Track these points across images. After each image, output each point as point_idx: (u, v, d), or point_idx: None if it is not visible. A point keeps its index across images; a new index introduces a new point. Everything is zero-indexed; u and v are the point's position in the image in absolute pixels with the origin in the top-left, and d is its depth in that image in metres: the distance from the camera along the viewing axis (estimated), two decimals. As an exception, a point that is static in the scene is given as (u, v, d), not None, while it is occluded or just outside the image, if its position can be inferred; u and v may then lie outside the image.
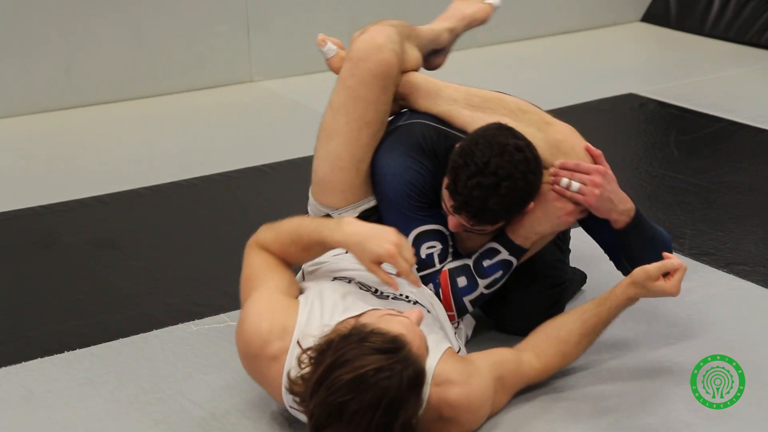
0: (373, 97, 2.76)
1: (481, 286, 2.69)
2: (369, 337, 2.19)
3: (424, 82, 2.87)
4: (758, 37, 5.93)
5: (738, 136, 4.54)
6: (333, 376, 2.14)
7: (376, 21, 2.90)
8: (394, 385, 2.12)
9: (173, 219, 3.83)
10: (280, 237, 2.59)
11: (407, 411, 2.16)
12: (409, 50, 2.89)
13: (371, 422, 2.12)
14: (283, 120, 4.93)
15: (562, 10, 6.21)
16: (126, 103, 5.08)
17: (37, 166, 4.36)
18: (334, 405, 2.13)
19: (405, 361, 2.15)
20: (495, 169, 2.50)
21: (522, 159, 2.53)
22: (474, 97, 2.82)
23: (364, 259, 2.46)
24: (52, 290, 3.27)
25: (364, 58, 2.76)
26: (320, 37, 2.99)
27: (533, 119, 2.74)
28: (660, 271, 2.54)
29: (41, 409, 2.64)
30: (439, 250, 2.70)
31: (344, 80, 2.79)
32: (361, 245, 2.45)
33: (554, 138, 2.69)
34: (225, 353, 2.85)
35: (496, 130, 2.57)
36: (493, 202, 2.53)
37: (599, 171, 2.63)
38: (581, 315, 2.62)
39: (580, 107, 4.86)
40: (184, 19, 5.19)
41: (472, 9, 3.21)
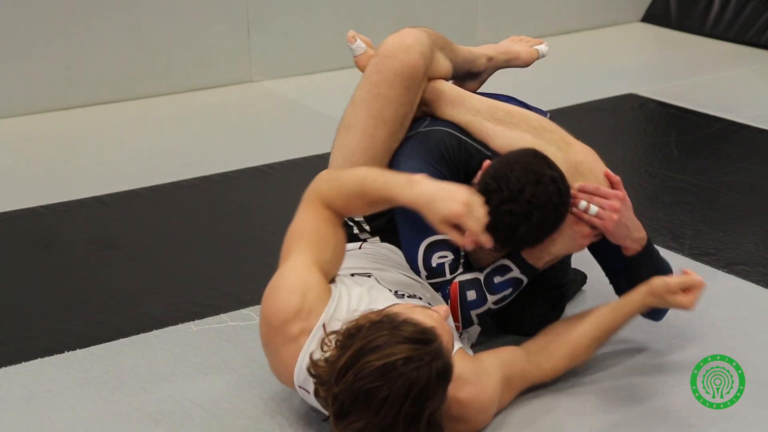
0: (394, 96, 2.76)
1: (489, 301, 2.69)
2: (401, 326, 2.18)
3: (449, 90, 2.86)
4: (758, 37, 5.93)
5: (738, 136, 4.54)
6: (362, 361, 2.13)
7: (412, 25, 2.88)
8: (424, 376, 2.12)
9: (173, 219, 3.84)
10: (343, 191, 2.51)
11: (434, 404, 2.16)
12: (440, 58, 2.86)
13: (399, 412, 2.11)
14: (283, 120, 4.93)
15: (562, 10, 6.21)
16: (126, 103, 5.08)
17: (37, 166, 4.36)
18: (362, 391, 2.12)
19: (435, 353, 2.15)
20: (529, 198, 2.49)
21: (555, 191, 2.53)
22: (497, 110, 2.80)
23: (433, 220, 2.41)
24: (52, 290, 3.27)
25: (390, 56, 2.76)
26: (350, 34, 2.99)
27: (554, 138, 2.73)
28: (680, 286, 2.54)
29: (41, 409, 2.64)
30: (450, 260, 2.68)
31: (368, 76, 2.80)
32: (430, 205, 2.40)
33: (574, 159, 2.68)
34: (225, 353, 2.86)
35: (532, 158, 2.55)
36: (523, 231, 2.52)
37: (618, 196, 2.62)
38: (595, 319, 2.63)
39: (580, 107, 4.86)
40: (184, 19, 5.19)
41: (518, 47, 3.19)
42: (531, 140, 2.69)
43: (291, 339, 2.38)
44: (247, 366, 2.79)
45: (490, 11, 5.96)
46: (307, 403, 2.61)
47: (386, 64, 2.76)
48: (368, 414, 2.13)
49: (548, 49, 3.23)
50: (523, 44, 3.22)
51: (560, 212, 2.56)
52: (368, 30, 5.61)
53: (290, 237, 2.54)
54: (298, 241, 2.51)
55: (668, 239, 3.45)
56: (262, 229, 3.69)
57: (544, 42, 3.24)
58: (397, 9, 5.67)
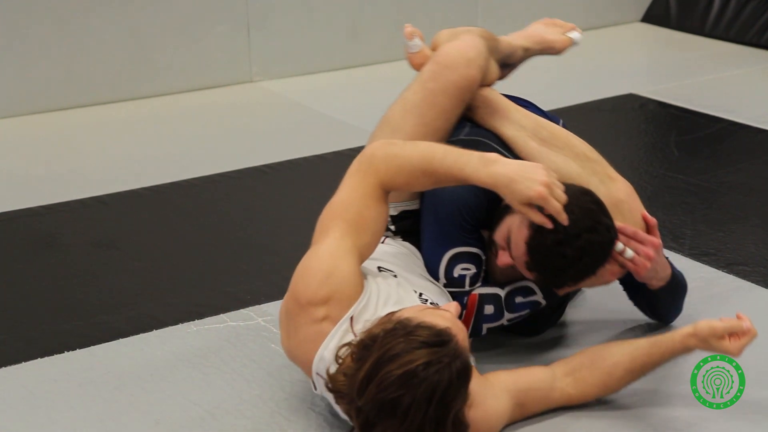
0: (449, 107, 2.72)
1: (505, 318, 2.68)
2: (416, 331, 2.17)
3: (495, 100, 2.81)
4: (758, 37, 5.93)
5: (738, 137, 4.54)
6: (382, 372, 2.12)
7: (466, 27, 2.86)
8: (445, 378, 2.11)
9: (173, 219, 3.83)
10: (406, 168, 2.44)
11: (458, 404, 2.15)
12: (492, 67, 2.84)
13: (425, 417, 2.11)
14: (283, 120, 4.93)
15: (562, 10, 6.20)
16: (126, 103, 5.08)
17: (37, 166, 4.36)
18: (387, 401, 2.11)
19: (453, 353, 2.14)
20: (583, 244, 2.46)
21: (608, 240, 2.52)
22: (543, 129, 2.77)
23: (513, 201, 2.39)
24: (52, 290, 3.27)
25: (451, 67, 2.72)
26: (409, 30, 2.87)
27: (597, 170, 2.71)
28: (727, 332, 2.45)
29: (41, 409, 2.64)
30: (472, 273, 2.66)
31: (425, 82, 2.74)
32: (510, 187, 2.37)
33: (616, 197, 2.66)
34: (225, 353, 2.85)
35: (592, 203, 2.52)
36: (569, 275, 2.51)
37: (654, 244, 2.62)
38: (632, 351, 2.54)
39: (580, 107, 4.86)
40: (184, 19, 5.19)
41: (552, 37, 3.15)
42: (575, 169, 2.66)
43: (314, 321, 2.36)
44: (247, 366, 2.79)
45: (490, 11, 5.95)
46: (306, 403, 2.62)
47: (446, 75, 2.72)
48: (394, 423, 2.12)
49: (582, 37, 3.18)
50: (556, 30, 3.17)
51: (605, 260, 2.55)
52: (368, 30, 5.64)
53: (332, 210, 2.47)
54: (339, 220, 2.44)
55: (668, 239, 3.45)
56: (262, 229, 3.69)
57: (577, 28, 3.19)
58: (397, 9, 5.67)
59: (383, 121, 2.80)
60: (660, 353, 2.52)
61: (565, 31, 3.17)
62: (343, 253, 2.40)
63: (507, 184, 2.38)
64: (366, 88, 5.30)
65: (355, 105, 5.00)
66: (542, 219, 2.39)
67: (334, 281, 2.37)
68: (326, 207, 2.49)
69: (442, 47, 2.79)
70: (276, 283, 3.19)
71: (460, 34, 2.82)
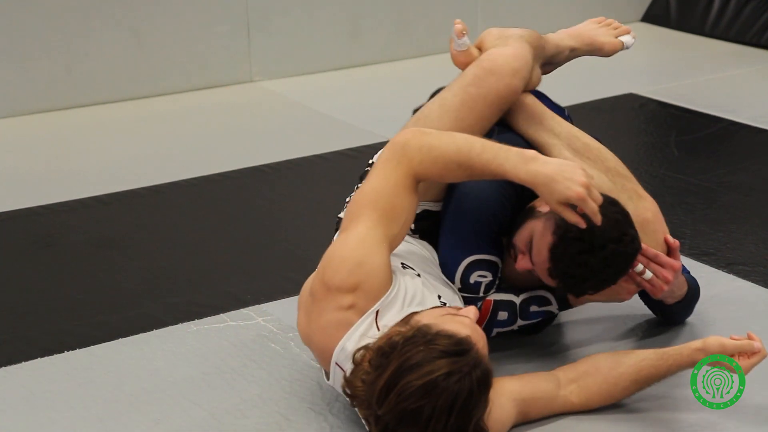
0: (488, 115, 2.68)
1: (516, 324, 2.68)
2: (436, 339, 2.16)
3: (531, 105, 2.78)
4: (758, 37, 5.92)
5: (738, 136, 4.54)
6: (403, 381, 2.12)
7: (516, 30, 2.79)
8: (466, 388, 2.11)
9: (173, 219, 3.83)
10: (442, 159, 2.40)
11: (479, 411, 2.15)
12: (535, 74, 2.81)
13: (446, 426, 2.11)
14: (283, 120, 4.93)
15: (561, 9, 6.21)
16: (126, 103, 5.08)
17: (37, 166, 4.35)
18: (408, 411, 2.11)
19: (474, 363, 2.13)
20: (608, 255, 2.45)
21: (632, 251, 2.51)
22: (576, 139, 2.74)
23: (551, 200, 2.36)
24: (52, 290, 3.27)
25: (497, 74, 2.67)
26: (459, 28, 2.78)
27: (627, 187, 2.70)
28: (737, 351, 2.45)
29: (41, 409, 2.64)
30: (488, 281, 2.65)
31: (467, 86, 2.70)
32: (549, 186, 2.34)
33: (643, 216, 2.65)
34: (225, 353, 2.85)
35: (619, 215, 2.50)
36: (591, 283, 2.50)
37: (674, 267, 2.62)
38: (638, 362, 2.53)
39: (580, 107, 4.85)
40: (184, 19, 5.19)
41: (603, 39, 3.05)
42: (607, 183, 2.65)
43: (340, 308, 2.35)
44: (246, 366, 2.79)
45: (490, 11, 5.95)
46: (306, 403, 2.61)
47: (490, 82, 2.67)
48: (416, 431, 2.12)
49: (634, 41, 3.09)
50: (608, 32, 3.07)
51: (626, 271, 2.54)
52: (368, 30, 5.64)
53: (363, 198, 2.44)
54: (370, 208, 2.41)
55: (668, 239, 3.45)
56: (262, 229, 3.69)
57: (632, 32, 3.10)
58: (397, 9, 5.67)
59: (418, 117, 2.74)
60: (667, 366, 2.51)
61: (617, 34, 3.08)
62: (374, 243, 2.38)
63: (546, 183, 2.35)
64: (366, 88, 5.30)
65: (355, 105, 5.00)
66: (577, 219, 2.36)
67: (363, 270, 2.35)
68: (357, 193, 2.48)
69: (488, 52, 2.74)
70: (276, 283, 3.19)
71: (509, 39, 2.77)
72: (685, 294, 2.74)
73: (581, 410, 2.55)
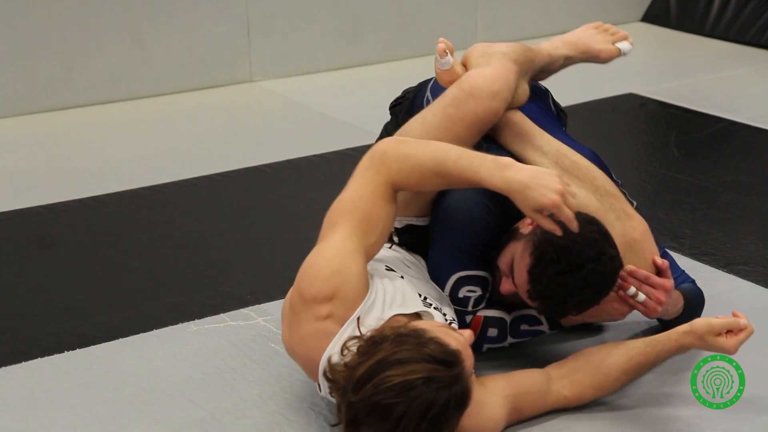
0: (466, 137, 2.66)
1: (506, 341, 2.69)
2: (427, 343, 2.16)
3: (520, 122, 2.76)
4: (758, 37, 5.92)
5: (738, 136, 4.54)
6: (383, 374, 2.11)
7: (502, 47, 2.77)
8: (442, 398, 2.10)
9: (173, 219, 3.83)
10: (418, 168, 2.42)
11: (449, 427, 2.15)
12: (521, 90, 2.78)
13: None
14: (283, 120, 4.93)
15: (561, 10, 6.21)
16: (126, 103, 5.08)
17: (37, 166, 4.36)
18: (379, 405, 2.10)
19: (456, 377, 2.13)
20: (586, 275, 2.44)
21: (612, 270, 2.49)
22: (565, 157, 2.73)
23: (525, 207, 2.36)
24: (52, 290, 3.27)
25: (475, 97, 2.65)
26: (441, 47, 2.72)
27: (615, 206, 2.67)
28: (724, 328, 2.45)
29: (41, 409, 2.64)
30: (477, 295, 2.65)
31: (447, 107, 2.68)
32: (524, 193, 2.34)
33: (630, 236, 2.63)
34: (225, 353, 2.85)
35: (596, 233, 2.48)
36: (572, 304, 2.48)
37: (665, 288, 2.60)
38: (627, 351, 2.54)
39: (580, 107, 4.86)
40: (184, 19, 5.19)
41: (599, 46, 3.02)
42: (594, 203, 2.63)
43: (318, 318, 2.35)
44: (246, 366, 2.79)
45: (490, 11, 5.95)
46: (306, 403, 2.61)
47: (469, 104, 2.66)
48: (382, 429, 2.12)
49: (632, 48, 3.06)
50: (605, 38, 3.04)
51: (609, 291, 2.52)
52: (368, 30, 5.64)
53: (340, 207, 2.44)
54: (347, 217, 2.42)
55: (668, 239, 3.45)
56: (262, 229, 3.69)
57: (629, 38, 3.06)
58: (397, 9, 5.67)
59: (400, 133, 2.74)
60: (656, 352, 2.51)
61: (615, 40, 3.04)
62: (350, 252, 2.38)
63: (520, 189, 2.35)
64: (366, 88, 5.30)
65: (355, 105, 5.00)
66: (553, 226, 2.36)
67: (339, 279, 2.35)
68: (334, 203, 2.47)
69: (469, 74, 2.72)
70: (276, 283, 3.18)
71: (492, 57, 2.75)
72: (682, 309, 2.72)
73: (575, 405, 2.54)
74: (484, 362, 2.70)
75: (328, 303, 2.35)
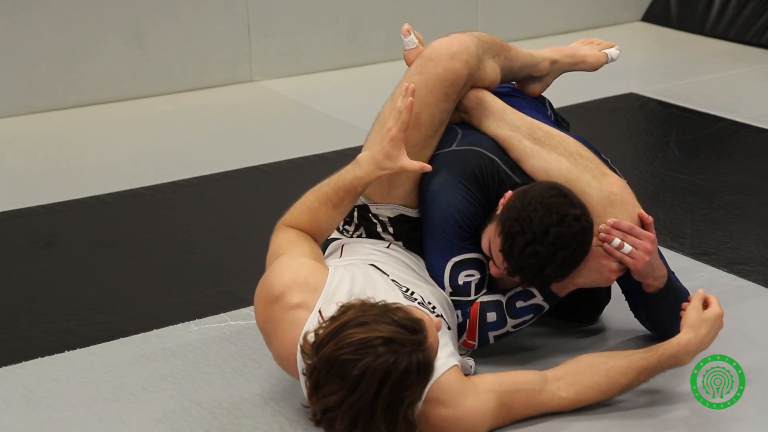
0: (433, 101, 2.71)
1: (509, 324, 2.67)
2: (393, 310, 2.20)
3: (491, 101, 2.81)
4: (758, 37, 5.93)
5: (739, 136, 4.54)
6: (345, 333, 2.14)
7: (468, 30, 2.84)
8: (402, 363, 2.12)
9: (173, 219, 3.83)
10: (306, 205, 2.61)
11: (412, 396, 2.16)
12: (489, 67, 2.82)
13: (377, 397, 2.12)
14: (283, 120, 4.93)
15: (562, 9, 6.21)
16: (126, 103, 5.08)
17: (37, 166, 4.36)
18: (338, 361, 2.13)
19: (418, 343, 2.15)
20: (553, 239, 2.46)
21: (579, 229, 2.50)
22: (538, 129, 2.75)
23: (384, 168, 2.54)
24: (52, 290, 3.27)
25: (434, 60, 2.72)
26: (405, 27, 2.91)
27: (590, 167, 2.68)
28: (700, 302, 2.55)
29: (42, 408, 2.64)
30: (477, 279, 2.67)
31: (410, 76, 2.76)
32: (374, 162, 2.54)
33: (608, 190, 2.64)
34: (225, 353, 2.85)
35: (555, 197, 2.51)
36: (549, 270, 2.50)
37: (651, 238, 2.60)
38: (629, 355, 2.54)
39: (580, 107, 4.86)
40: (184, 19, 5.19)
41: (585, 51, 3.10)
42: (566, 166, 2.65)
43: (290, 307, 2.39)
44: (247, 366, 2.79)
45: (489, 11, 5.96)
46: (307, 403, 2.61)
47: (429, 67, 2.72)
48: (343, 389, 2.13)
49: (619, 53, 3.12)
50: (592, 47, 3.13)
51: (584, 249, 2.54)
52: (368, 30, 5.64)
53: (269, 259, 2.60)
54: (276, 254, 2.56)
55: (668, 239, 3.45)
56: (262, 229, 3.67)
57: (616, 46, 3.13)
58: (397, 9, 5.67)
59: (375, 118, 2.82)
60: (657, 357, 2.51)
61: (601, 48, 3.12)
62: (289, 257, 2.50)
63: (372, 163, 2.55)
64: (366, 88, 5.29)
65: (355, 105, 5.00)
66: (412, 163, 2.54)
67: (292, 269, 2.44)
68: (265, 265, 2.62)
69: (430, 43, 2.79)
70: (276, 282, 3.18)
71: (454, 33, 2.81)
72: (666, 279, 2.70)
73: (573, 407, 2.53)
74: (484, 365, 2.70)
75: (291, 290, 2.40)
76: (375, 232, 2.79)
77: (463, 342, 2.69)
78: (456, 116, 2.82)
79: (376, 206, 2.77)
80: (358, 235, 2.80)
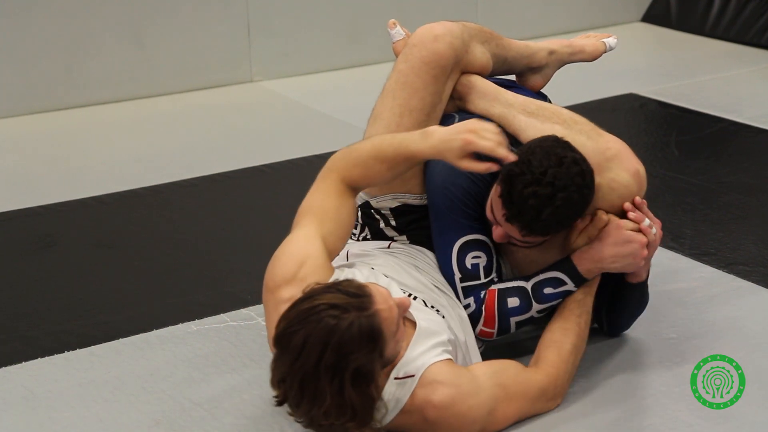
0: (421, 85, 2.74)
1: (534, 309, 2.65)
2: (342, 283, 2.24)
3: (482, 84, 2.83)
4: (758, 37, 5.93)
5: (739, 136, 4.54)
6: (295, 307, 2.19)
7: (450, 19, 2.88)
8: (344, 325, 2.14)
9: (173, 219, 3.84)
10: (360, 159, 2.56)
11: (359, 360, 2.15)
12: (477, 52, 2.85)
13: (320, 361, 2.13)
14: (283, 120, 4.93)
15: (562, 10, 6.21)
16: (126, 103, 5.08)
17: (37, 166, 4.36)
18: (285, 335, 2.16)
19: (361, 305, 2.17)
20: (552, 180, 2.46)
21: (579, 172, 2.50)
22: (530, 104, 2.78)
23: (454, 161, 2.47)
24: (52, 290, 3.27)
25: (418, 45, 2.76)
26: (391, 21, 3.00)
27: (584, 129, 2.70)
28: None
29: (42, 409, 2.64)
30: (484, 261, 2.66)
31: (397, 65, 2.79)
32: (446, 147, 2.46)
33: (605, 147, 2.65)
34: (225, 353, 2.86)
35: (554, 142, 2.53)
36: (547, 213, 2.48)
37: (659, 224, 2.63)
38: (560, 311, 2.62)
39: (580, 107, 4.84)
40: (184, 19, 5.19)
41: (582, 42, 3.12)
42: (561, 131, 2.65)
43: (281, 302, 2.38)
44: (247, 366, 2.79)
45: (489, 11, 5.96)
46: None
47: (414, 52, 2.75)
48: (289, 359, 2.15)
49: (617, 42, 3.13)
50: (590, 39, 3.14)
51: (584, 194, 2.52)
52: (368, 29, 5.64)
53: (300, 211, 2.59)
54: (305, 216, 2.56)
55: (668, 239, 3.45)
56: (262, 229, 3.69)
57: (613, 35, 3.14)
58: (397, 9, 5.66)
59: (371, 114, 2.83)
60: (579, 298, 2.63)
61: (599, 39, 3.13)
62: (304, 239, 2.50)
63: (444, 147, 2.47)
64: (366, 88, 5.27)
65: (355, 105, 4.98)
66: (486, 166, 2.46)
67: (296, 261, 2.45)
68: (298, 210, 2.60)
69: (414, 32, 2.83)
70: (276, 283, 3.18)
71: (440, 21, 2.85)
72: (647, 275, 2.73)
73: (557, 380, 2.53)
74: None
75: (288, 285, 2.41)
76: (378, 229, 2.78)
77: (480, 332, 2.66)
78: (451, 105, 2.84)
79: (377, 199, 2.77)
80: (363, 237, 2.80)
